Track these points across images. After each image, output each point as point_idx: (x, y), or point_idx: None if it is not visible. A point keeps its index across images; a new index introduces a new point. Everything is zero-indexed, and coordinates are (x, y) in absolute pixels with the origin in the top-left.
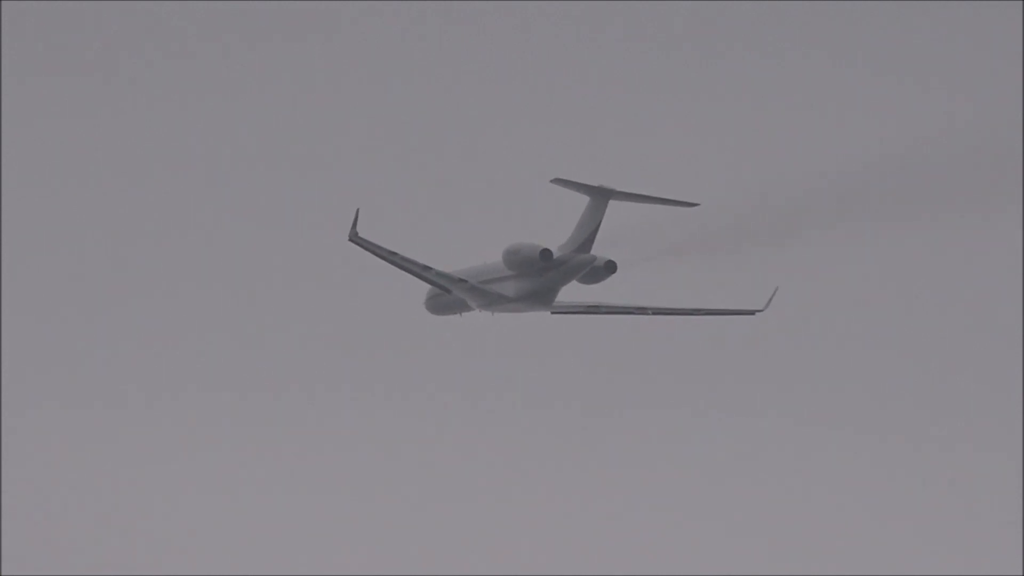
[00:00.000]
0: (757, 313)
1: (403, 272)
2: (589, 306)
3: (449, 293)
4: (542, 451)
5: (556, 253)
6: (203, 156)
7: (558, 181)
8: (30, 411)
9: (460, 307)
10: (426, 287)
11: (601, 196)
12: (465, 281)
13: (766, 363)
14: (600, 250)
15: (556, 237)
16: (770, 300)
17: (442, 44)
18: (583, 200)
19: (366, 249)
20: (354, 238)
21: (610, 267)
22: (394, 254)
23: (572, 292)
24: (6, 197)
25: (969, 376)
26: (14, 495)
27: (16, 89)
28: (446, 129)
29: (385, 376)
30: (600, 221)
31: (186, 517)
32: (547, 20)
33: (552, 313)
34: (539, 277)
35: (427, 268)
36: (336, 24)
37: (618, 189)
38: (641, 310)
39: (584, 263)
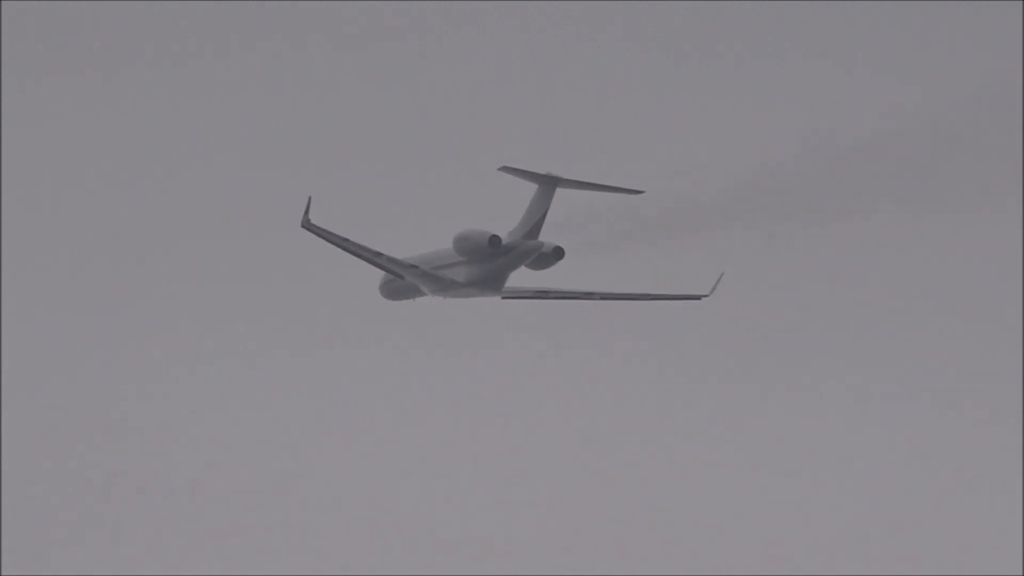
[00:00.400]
0: (703, 298)
1: (357, 259)
2: (539, 291)
3: (402, 279)
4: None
5: (505, 239)
6: (157, 147)
7: (506, 169)
8: None
9: (413, 292)
10: (382, 273)
11: (548, 184)
12: (416, 267)
13: (712, 347)
14: (548, 236)
15: (505, 224)
16: (715, 285)
17: (393, 35)
18: (532, 188)
19: (319, 236)
20: (307, 225)
21: (558, 253)
22: (346, 240)
23: (522, 277)
24: (6, 197)
25: (910, 360)
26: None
27: (16, 89)
28: (396, 119)
29: (341, 361)
30: (547, 208)
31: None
32: (496, 13)
33: (503, 298)
34: (488, 263)
35: (378, 254)
36: (286, 15)
37: (565, 177)
38: (589, 295)
39: (532, 249)
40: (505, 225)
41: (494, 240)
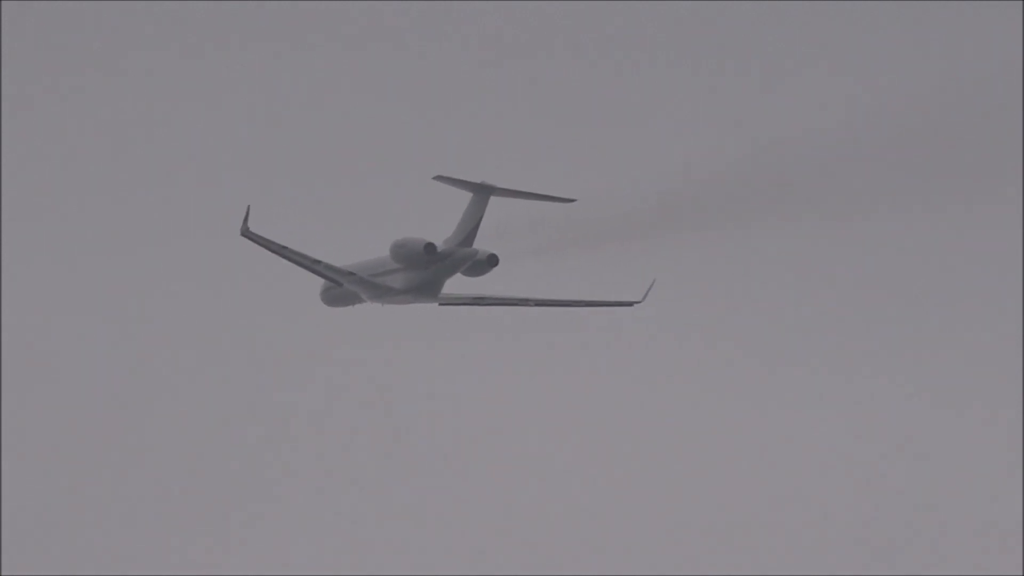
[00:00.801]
0: (635, 304)
1: (297, 266)
2: (475, 298)
3: (341, 286)
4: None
5: (440, 247)
6: (95, 153)
7: (440, 178)
8: None
9: (353, 299)
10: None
11: (482, 192)
12: (354, 274)
13: (643, 355)
14: (484, 244)
15: (441, 232)
16: (647, 292)
17: (325, 42)
18: (466, 196)
19: (258, 244)
20: (246, 233)
21: (492, 260)
22: (285, 248)
23: (458, 285)
24: (6, 196)
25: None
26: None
27: (16, 89)
28: (333, 129)
29: (283, 371)
30: (481, 216)
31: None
32: (433, 22)
33: (440, 304)
34: (424, 270)
35: (317, 262)
36: (214, 24)
37: (499, 186)
38: (524, 301)
39: (467, 256)
40: (441, 233)
41: (429, 248)
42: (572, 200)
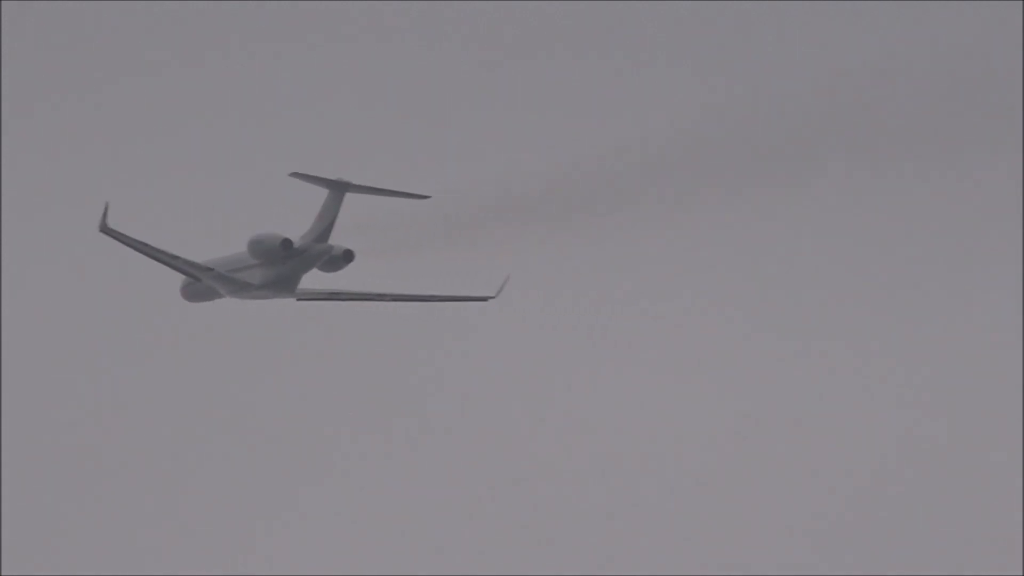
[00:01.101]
0: (489, 300)
1: (156, 262)
2: (332, 293)
3: (200, 281)
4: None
5: (296, 243)
6: None
7: (296, 175)
8: None
9: (212, 294)
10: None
11: (338, 189)
12: (212, 269)
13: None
14: (342, 240)
15: (299, 228)
16: (502, 287)
17: (184, 37)
18: (323, 192)
19: (117, 240)
20: (104, 229)
21: (348, 256)
22: (143, 244)
23: (316, 280)
24: (6, 196)
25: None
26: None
27: (15, 89)
28: (192, 128)
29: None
30: (337, 212)
31: None
32: (287, 16)
33: (297, 300)
34: (281, 265)
35: (175, 257)
36: (57, 21)
37: (354, 182)
38: (380, 296)
39: (322, 252)
40: (299, 230)
41: (286, 243)
42: (427, 197)
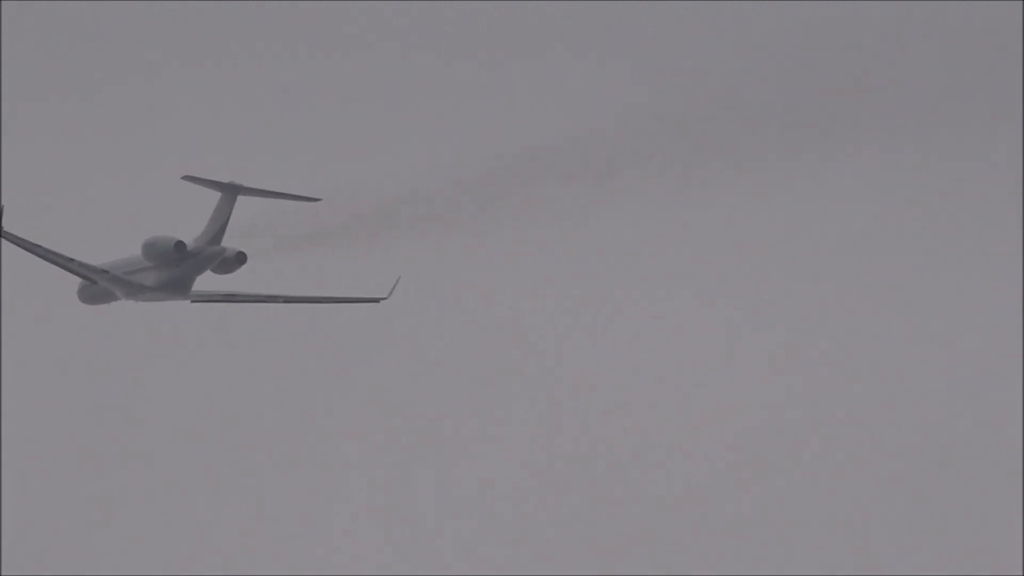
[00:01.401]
0: (381, 301)
1: (53, 265)
2: (226, 294)
3: (96, 284)
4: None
5: (190, 245)
6: None
7: (189, 178)
8: None
9: (109, 297)
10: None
11: (230, 192)
12: (107, 272)
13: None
14: (235, 242)
15: (193, 231)
16: (393, 288)
17: (79, 42)
18: (216, 196)
19: (13, 243)
20: (0, 232)
21: (240, 258)
22: (39, 247)
23: (210, 282)
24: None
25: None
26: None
27: (15, 90)
28: (87, 132)
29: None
30: (229, 215)
31: None
32: (182, 21)
33: (192, 301)
34: (175, 268)
35: (71, 260)
36: None
37: (246, 185)
38: (273, 298)
39: (215, 254)
40: (193, 232)
41: (179, 246)
42: (317, 199)
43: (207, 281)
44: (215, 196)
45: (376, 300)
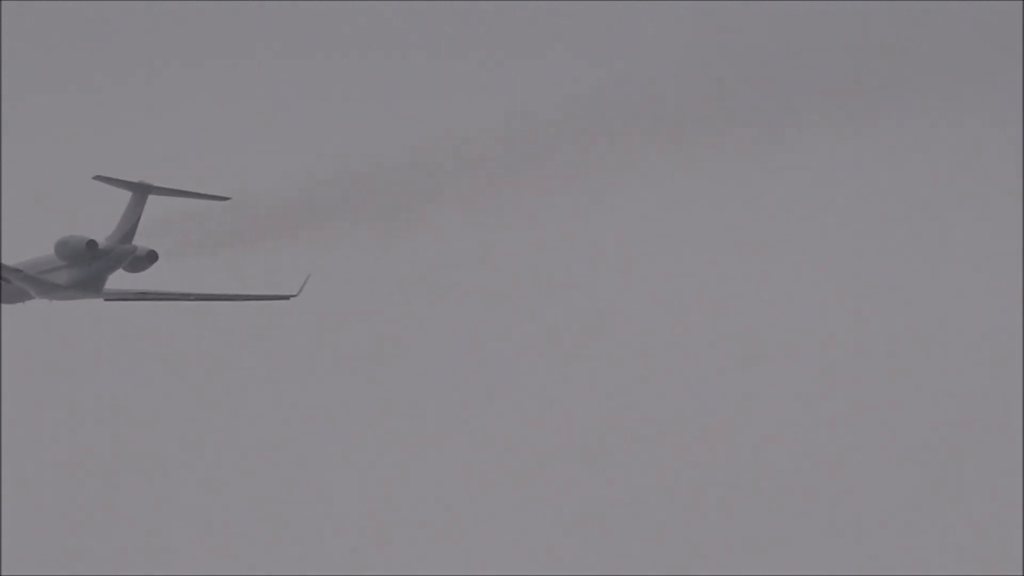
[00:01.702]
0: (291, 298)
1: None
2: (138, 293)
3: (9, 283)
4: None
5: (102, 244)
6: None
7: (100, 178)
8: None
9: (23, 295)
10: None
11: (141, 191)
12: (20, 271)
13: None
14: (150, 241)
15: (105, 230)
16: (303, 286)
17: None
18: (127, 195)
19: None
20: None
21: (151, 256)
22: None
23: (122, 281)
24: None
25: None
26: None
27: (15, 90)
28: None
29: None
30: (140, 214)
31: None
32: (98, 19)
33: (105, 300)
34: (87, 266)
35: None
36: None
37: (156, 185)
38: (185, 296)
39: (126, 253)
40: (106, 231)
41: (91, 245)
42: (227, 199)
43: (120, 280)
44: (126, 196)
45: (286, 297)
